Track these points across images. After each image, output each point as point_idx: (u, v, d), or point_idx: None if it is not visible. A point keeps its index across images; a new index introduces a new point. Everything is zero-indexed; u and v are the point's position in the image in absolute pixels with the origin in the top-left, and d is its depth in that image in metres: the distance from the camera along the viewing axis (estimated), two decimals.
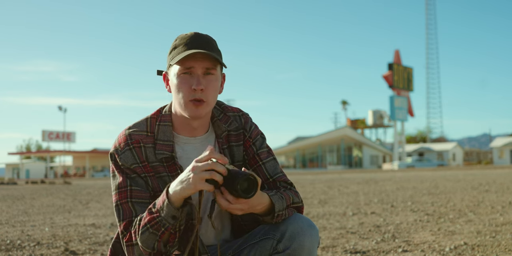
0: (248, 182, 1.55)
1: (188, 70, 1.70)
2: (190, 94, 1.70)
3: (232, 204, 1.58)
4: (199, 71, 1.70)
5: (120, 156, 1.75)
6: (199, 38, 1.73)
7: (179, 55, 1.68)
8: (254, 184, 1.56)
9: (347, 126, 73.64)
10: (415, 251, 3.90)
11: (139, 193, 1.73)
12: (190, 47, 1.70)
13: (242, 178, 1.54)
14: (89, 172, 66.43)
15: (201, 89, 1.69)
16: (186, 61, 1.69)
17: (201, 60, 1.69)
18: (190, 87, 1.69)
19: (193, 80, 1.70)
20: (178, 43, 1.73)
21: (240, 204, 1.58)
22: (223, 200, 1.58)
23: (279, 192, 1.72)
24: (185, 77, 1.71)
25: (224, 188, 1.58)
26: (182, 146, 1.81)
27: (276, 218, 1.68)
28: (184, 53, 1.67)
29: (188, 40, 1.72)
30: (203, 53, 1.67)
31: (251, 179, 1.55)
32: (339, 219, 6.29)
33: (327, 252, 3.99)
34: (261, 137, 1.90)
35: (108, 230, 5.66)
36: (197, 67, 1.69)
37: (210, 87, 1.71)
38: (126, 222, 1.70)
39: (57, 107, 64.53)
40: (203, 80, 1.70)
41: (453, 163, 69.09)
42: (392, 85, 64.78)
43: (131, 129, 1.79)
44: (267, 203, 1.66)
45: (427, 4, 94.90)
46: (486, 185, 13.42)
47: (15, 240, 4.91)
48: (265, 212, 1.68)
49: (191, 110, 1.71)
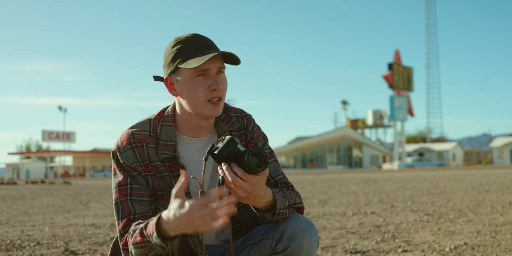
0: (258, 157, 1.55)
1: (203, 72, 1.71)
2: (208, 94, 1.71)
3: (239, 180, 1.55)
4: (213, 71, 1.71)
5: (122, 155, 1.76)
6: (203, 39, 1.74)
7: (197, 59, 1.67)
8: (264, 159, 1.55)
9: (347, 126, 73.69)
10: (415, 251, 3.90)
11: (139, 191, 1.74)
12: (200, 49, 1.71)
13: (252, 151, 1.54)
14: (89, 172, 66.45)
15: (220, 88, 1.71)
16: (202, 64, 1.69)
17: (214, 61, 1.71)
18: (207, 88, 1.70)
19: (209, 80, 1.71)
20: (184, 46, 1.72)
21: (247, 181, 1.56)
22: (231, 173, 1.55)
23: (282, 191, 1.73)
24: (199, 79, 1.71)
25: (234, 164, 1.57)
26: (185, 146, 1.81)
27: (277, 216, 1.68)
28: (203, 57, 1.66)
29: (194, 42, 1.72)
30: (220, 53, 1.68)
31: (261, 154, 1.55)
32: (339, 219, 6.29)
33: (327, 252, 3.99)
34: (263, 138, 1.90)
35: (108, 230, 5.66)
36: (212, 68, 1.71)
37: (224, 85, 1.74)
38: (124, 221, 1.71)
39: (57, 107, 64.61)
40: (219, 79, 1.72)
41: (453, 163, 69.11)
42: (392, 85, 64.83)
43: (134, 128, 1.80)
44: (270, 198, 1.65)
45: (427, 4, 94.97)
46: (486, 185, 13.42)
47: (15, 240, 4.91)
48: (266, 208, 1.67)
49: (210, 109, 1.73)
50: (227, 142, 1.57)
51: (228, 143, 1.57)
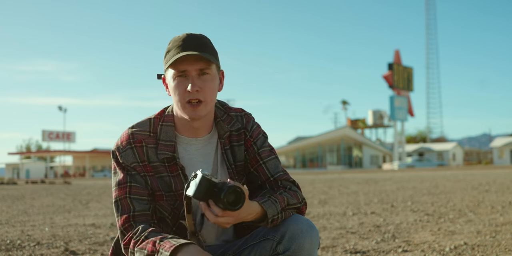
0: (235, 194, 1.54)
1: (182, 73, 1.71)
2: (186, 95, 1.71)
3: (220, 218, 1.58)
4: (193, 73, 1.71)
5: (121, 154, 1.77)
6: (191, 39, 1.72)
7: (171, 59, 1.69)
8: (241, 196, 1.55)
9: (347, 126, 73.66)
10: (415, 251, 3.90)
11: (138, 189, 1.75)
12: (182, 49, 1.70)
13: (228, 190, 1.53)
14: (89, 172, 66.44)
15: (196, 90, 1.70)
16: (179, 65, 1.69)
17: (194, 62, 1.70)
18: (185, 89, 1.70)
19: (187, 82, 1.71)
20: (171, 46, 1.73)
21: (227, 217, 1.58)
22: (210, 213, 1.59)
23: (272, 196, 1.71)
24: (180, 79, 1.71)
25: (212, 201, 1.58)
26: (184, 147, 1.81)
27: (271, 223, 1.68)
28: (174, 57, 1.68)
29: (180, 42, 1.72)
30: (194, 55, 1.67)
31: (237, 191, 1.54)
32: (339, 219, 6.29)
33: (327, 252, 3.99)
34: (263, 136, 1.90)
35: (108, 230, 5.66)
36: (190, 69, 1.70)
37: (206, 87, 1.72)
38: (124, 217, 1.72)
39: (57, 107, 64.58)
40: (198, 81, 1.71)
41: (453, 163, 69.10)
42: (392, 85, 64.81)
43: (134, 128, 1.80)
44: (257, 211, 1.65)
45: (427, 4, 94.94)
46: (486, 185, 13.42)
47: (15, 240, 4.91)
48: (257, 219, 1.68)
49: (190, 111, 1.72)
50: (199, 182, 1.56)
51: (201, 183, 1.56)
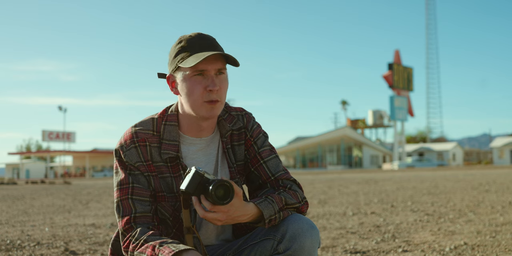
0: (223, 188, 1.56)
1: (200, 72, 1.70)
2: (205, 95, 1.70)
3: (209, 213, 1.59)
4: (212, 72, 1.70)
5: (125, 153, 1.76)
6: (206, 39, 1.72)
7: (193, 58, 1.67)
8: (230, 190, 1.56)
9: (347, 126, 73.69)
10: (415, 251, 3.90)
11: (140, 190, 1.74)
12: (200, 49, 1.69)
13: (217, 184, 1.54)
14: (89, 172, 66.42)
15: (217, 90, 1.70)
16: (199, 64, 1.68)
17: (213, 62, 1.69)
18: (204, 89, 1.69)
19: (206, 81, 1.70)
20: (185, 45, 1.71)
21: (217, 212, 1.59)
22: (200, 208, 1.59)
23: (269, 197, 1.71)
24: (197, 78, 1.70)
25: (202, 196, 1.59)
26: (188, 147, 1.81)
27: (268, 223, 1.68)
28: (199, 56, 1.66)
29: (195, 41, 1.71)
30: (215, 54, 1.67)
31: (226, 185, 1.55)
32: (339, 219, 6.29)
33: (327, 252, 3.99)
34: (263, 135, 1.89)
35: (108, 230, 5.66)
36: (210, 69, 1.69)
37: (223, 87, 1.73)
38: (126, 219, 1.72)
39: (57, 107, 64.54)
40: (217, 80, 1.71)
41: (453, 163, 69.10)
42: (392, 85, 64.83)
43: (137, 127, 1.79)
44: (253, 213, 1.65)
45: (427, 4, 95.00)
46: (486, 185, 13.42)
47: (15, 240, 4.91)
48: (254, 220, 1.68)
49: (207, 110, 1.72)
50: (192, 176, 1.58)
51: (193, 177, 1.58)
